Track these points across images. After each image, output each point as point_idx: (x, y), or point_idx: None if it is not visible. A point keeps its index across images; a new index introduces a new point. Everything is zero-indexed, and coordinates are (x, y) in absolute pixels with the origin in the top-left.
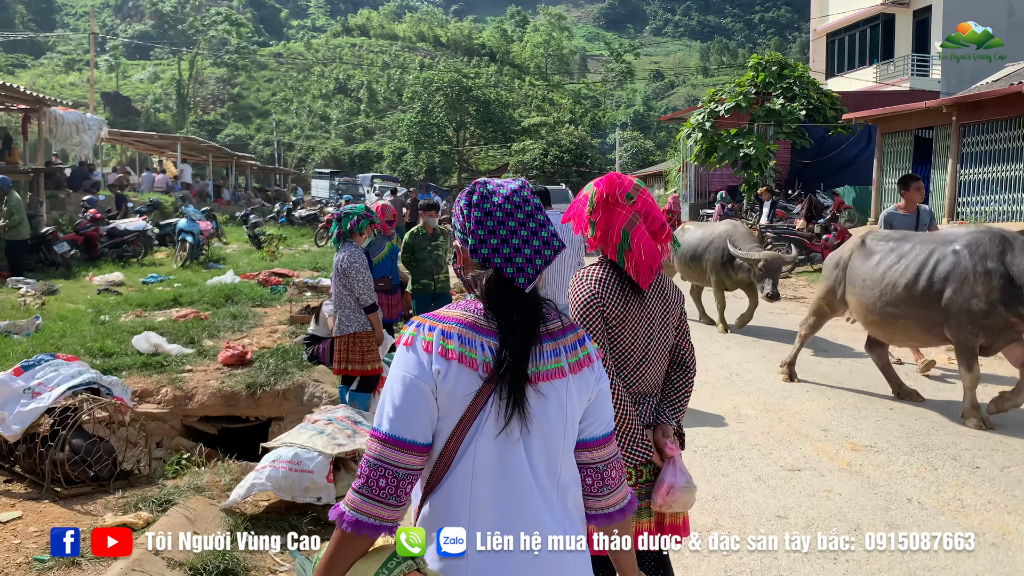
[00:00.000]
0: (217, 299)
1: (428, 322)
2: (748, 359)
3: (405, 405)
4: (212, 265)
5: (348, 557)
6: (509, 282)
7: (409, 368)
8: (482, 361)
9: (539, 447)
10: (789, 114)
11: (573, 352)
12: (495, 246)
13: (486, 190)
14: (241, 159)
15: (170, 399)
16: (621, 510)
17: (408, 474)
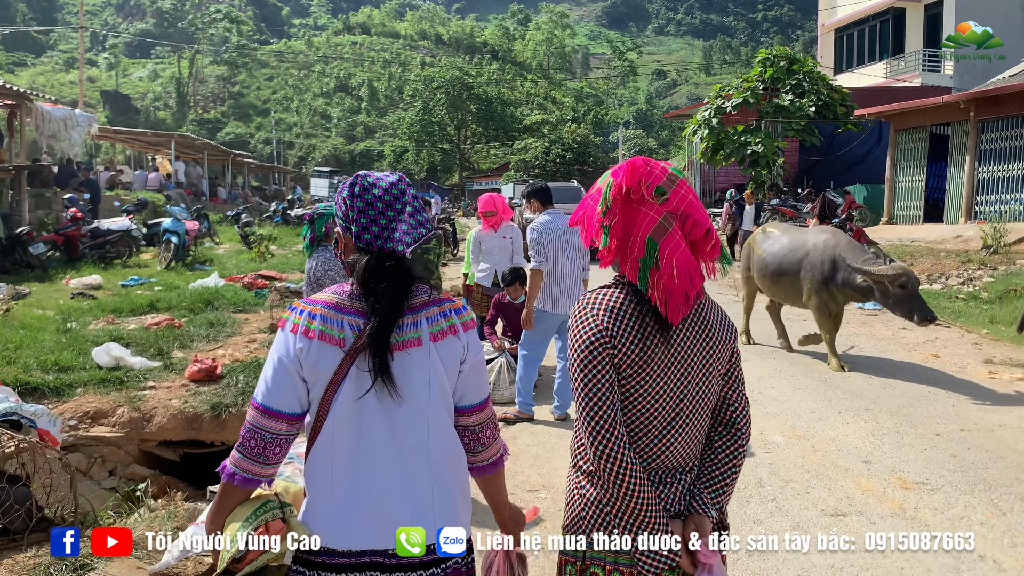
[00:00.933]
0: (196, 304)
1: (300, 306)
2: (769, 373)
3: (273, 380)
4: (198, 267)
5: (229, 503)
6: (390, 255)
7: (278, 348)
8: (339, 337)
9: (404, 410)
10: (798, 110)
11: (436, 323)
12: (377, 231)
13: (367, 182)
14: (238, 157)
15: (126, 421)
16: (493, 463)
17: (275, 437)
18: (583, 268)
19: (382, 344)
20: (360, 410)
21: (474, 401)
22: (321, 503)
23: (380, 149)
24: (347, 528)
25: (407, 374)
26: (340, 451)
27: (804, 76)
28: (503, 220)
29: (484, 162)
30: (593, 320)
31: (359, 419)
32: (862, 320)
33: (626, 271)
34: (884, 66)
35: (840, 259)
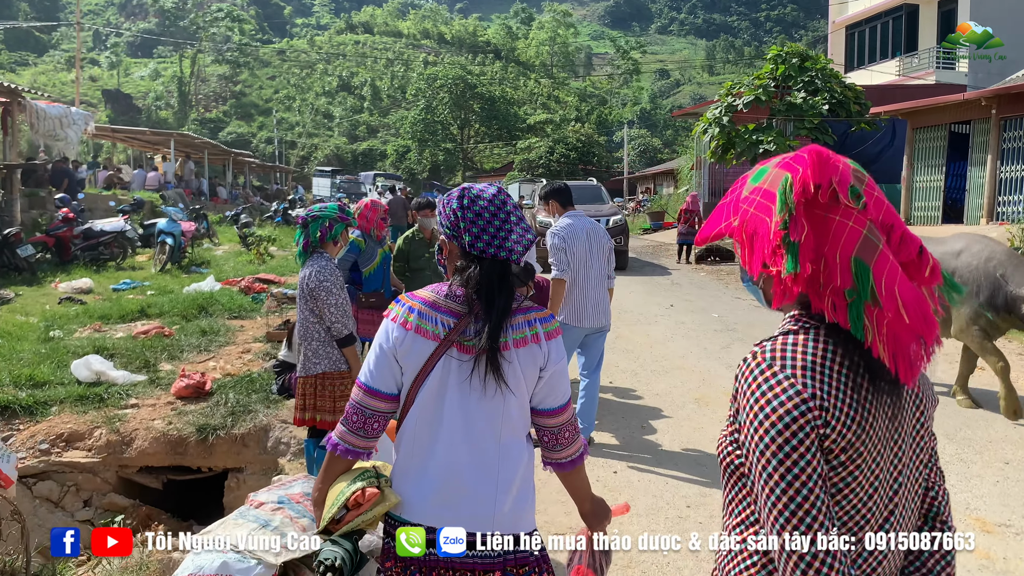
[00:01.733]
0: (189, 310)
1: (405, 300)
2: None
3: (375, 363)
4: (194, 269)
5: (333, 471)
6: (502, 263)
7: (381, 336)
8: (433, 332)
9: (481, 405)
10: (811, 108)
11: (519, 330)
12: (488, 240)
13: (473, 194)
14: (239, 156)
15: (104, 445)
16: (572, 461)
17: (374, 414)
18: (608, 276)
19: (495, 343)
20: (442, 400)
21: (553, 405)
22: (403, 482)
23: (383, 149)
24: (422, 506)
25: (503, 372)
26: (421, 436)
27: (817, 73)
28: None
29: (487, 162)
30: (789, 385)
31: (441, 408)
32: None
33: (822, 307)
34: (897, 64)
35: (1005, 278)
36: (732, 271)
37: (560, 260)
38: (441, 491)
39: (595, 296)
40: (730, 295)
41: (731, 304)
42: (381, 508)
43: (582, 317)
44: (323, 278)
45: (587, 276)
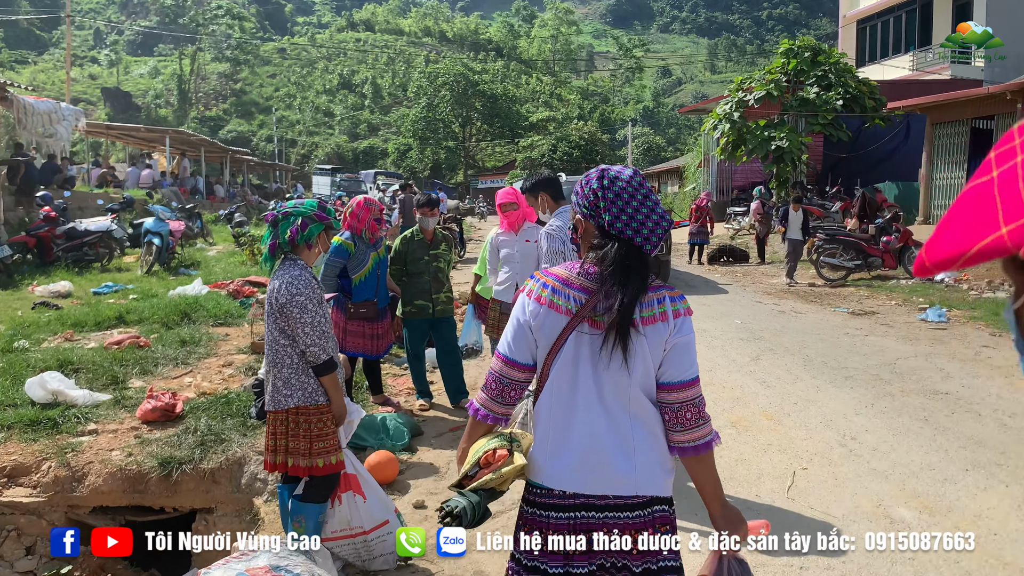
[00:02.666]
0: (171, 317)
1: (540, 277)
2: (855, 409)
3: (513, 336)
4: (183, 271)
5: (475, 433)
6: (638, 249)
7: (518, 309)
8: (566, 307)
9: (612, 377)
10: (825, 104)
11: (649, 308)
12: (626, 221)
13: (612, 175)
14: (236, 154)
15: (51, 481)
16: (694, 447)
17: (512, 383)
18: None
19: (626, 320)
20: (576, 371)
21: (673, 380)
22: (540, 449)
23: (384, 147)
24: (562, 472)
25: (630, 346)
26: (557, 406)
27: (830, 67)
28: (524, 218)
29: (489, 160)
30: None
31: (575, 379)
32: (931, 336)
33: None
34: (910, 58)
35: None
36: (747, 272)
37: (557, 264)
38: (580, 457)
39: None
40: (749, 299)
41: (752, 309)
42: (508, 469)
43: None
44: (296, 291)
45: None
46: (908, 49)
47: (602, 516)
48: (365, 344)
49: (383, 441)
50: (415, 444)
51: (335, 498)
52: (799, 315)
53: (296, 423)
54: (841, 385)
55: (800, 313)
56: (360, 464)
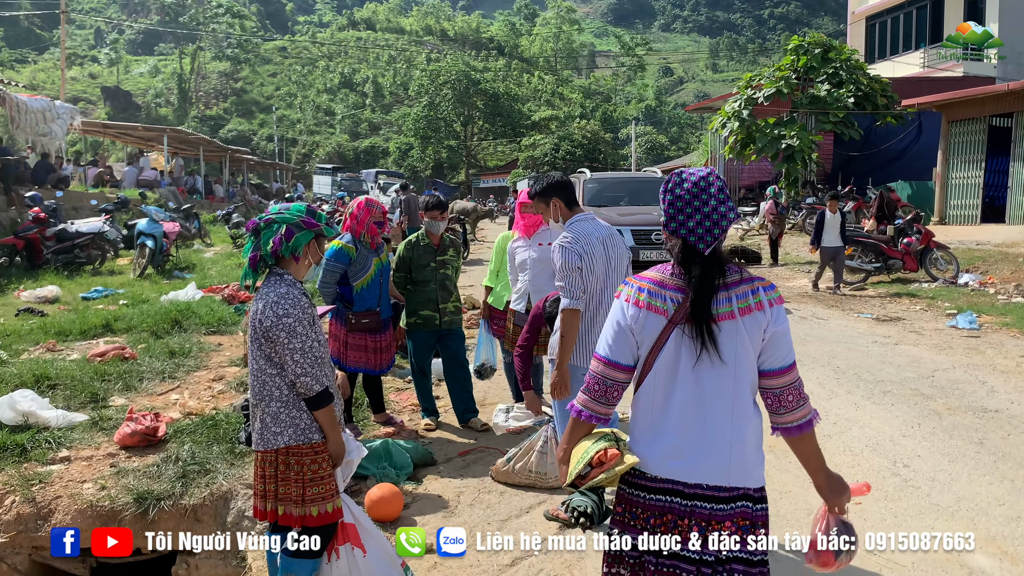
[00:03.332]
0: (161, 324)
1: (634, 282)
2: (901, 431)
3: (614, 339)
4: (177, 274)
5: (576, 435)
6: (692, 247)
7: (617, 313)
8: (663, 308)
9: (713, 371)
10: (836, 101)
11: (744, 299)
12: (681, 221)
13: (679, 179)
14: (236, 153)
15: (13, 519)
16: (798, 427)
17: (614, 383)
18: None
19: (702, 315)
20: (676, 367)
21: (774, 366)
22: (640, 438)
23: (385, 146)
24: (656, 458)
25: (719, 341)
26: (658, 401)
27: (841, 64)
28: (540, 220)
29: (491, 159)
30: None
31: (675, 375)
32: (966, 345)
33: None
34: (921, 55)
35: None
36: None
37: (573, 284)
38: (675, 446)
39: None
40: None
41: None
42: (621, 468)
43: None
44: (282, 312)
45: (606, 302)
46: (919, 46)
47: (688, 504)
48: (367, 359)
49: (386, 471)
50: (420, 472)
51: (331, 551)
52: (821, 321)
53: (287, 465)
54: (880, 401)
55: (822, 319)
56: (361, 511)
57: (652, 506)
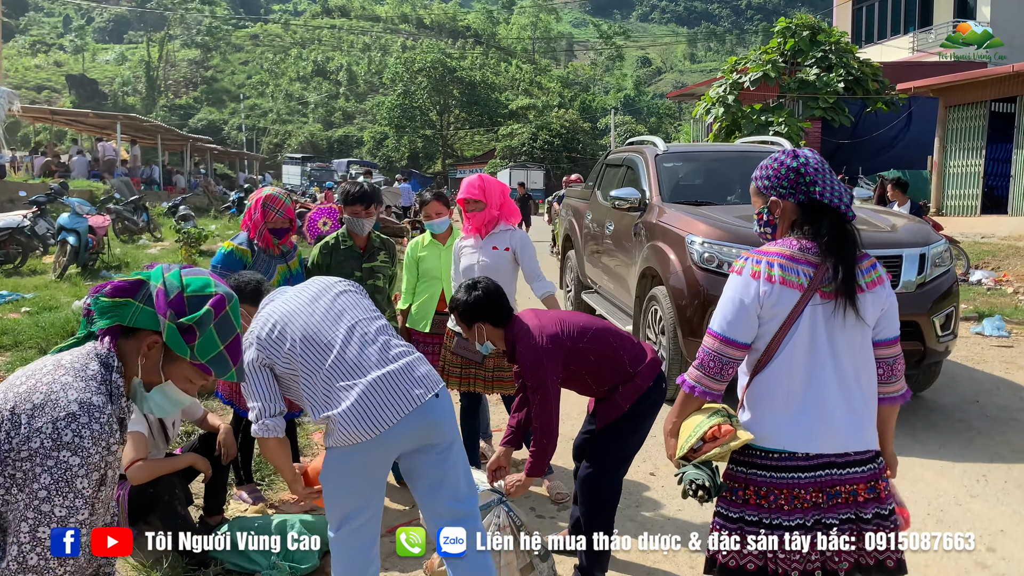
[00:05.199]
0: (55, 340)
1: (754, 255)
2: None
3: (734, 316)
4: (105, 274)
5: (686, 410)
6: (842, 216)
7: (739, 290)
8: (798, 283)
9: (845, 342)
10: (825, 86)
11: (869, 274)
12: (832, 191)
13: (806, 155)
14: (197, 142)
15: None
16: (903, 395)
17: (730, 361)
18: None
19: (851, 287)
20: (812, 341)
21: (891, 335)
22: (777, 415)
23: (359, 135)
24: (804, 435)
25: (861, 312)
26: (795, 375)
27: (831, 47)
28: (499, 219)
29: (468, 149)
30: None
31: (812, 348)
32: (1001, 356)
33: None
34: (910, 39)
35: None
36: None
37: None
38: (821, 420)
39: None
40: None
41: None
42: (736, 443)
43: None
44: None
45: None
46: (907, 30)
47: (844, 472)
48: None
49: (274, 569)
50: (328, 563)
51: None
52: None
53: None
54: (924, 439)
55: None
56: None
57: (809, 483)
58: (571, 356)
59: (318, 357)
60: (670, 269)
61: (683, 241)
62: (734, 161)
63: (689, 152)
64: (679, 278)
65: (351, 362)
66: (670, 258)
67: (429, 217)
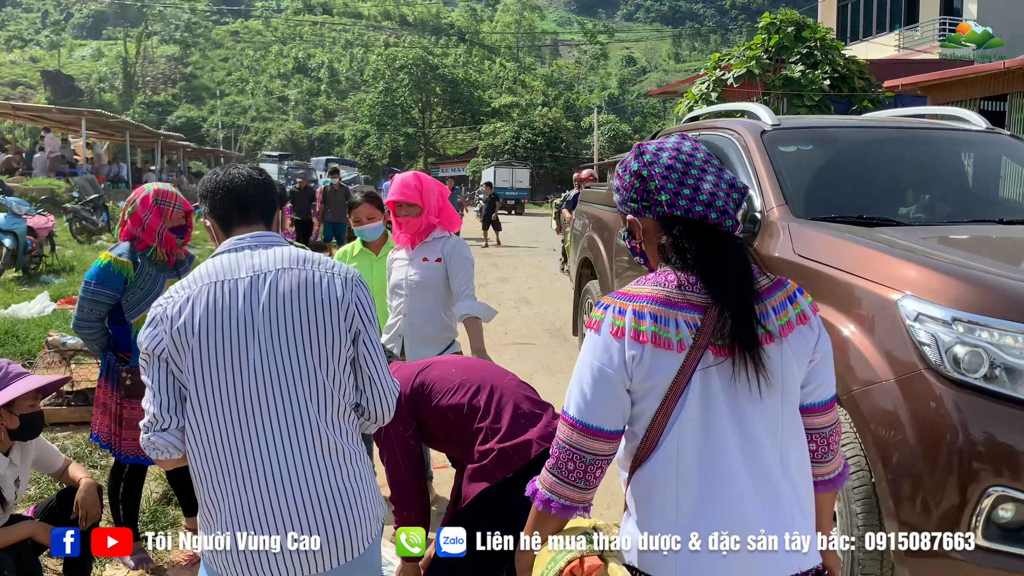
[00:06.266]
0: None
1: (617, 303)
2: None
3: (594, 394)
4: (45, 279)
5: (544, 532)
6: (715, 229)
7: (598, 355)
8: (677, 340)
9: (755, 415)
10: (811, 83)
11: (783, 312)
12: (691, 194)
13: (653, 147)
14: (169, 139)
15: None
16: (840, 475)
17: (596, 459)
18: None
19: (749, 335)
20: (706, 422)
21: (823, 398)
22: (666, 530)
23: (340, 133)
24: (717, 566)
25: (771, 372)
26: (686, 470)
27: (816, 44)
28: (433, 225)
29: (451, 147)
30: None
31: (706, 430)
32: None
33: None
34: (896, 37)
35: None
36: None
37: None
38: (728, 533)
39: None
40: None
41: None
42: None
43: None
44: None
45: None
46: (893, 27)
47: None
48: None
49: None
50: None
51: None
52: None
53: None
54: None
55: None
56: None
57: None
58: (419, 410)
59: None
60: (862, 376)
61: (890, 311)
62: (907, 143)
63: (823, 129)
64: (891, 399)
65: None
66: (860, 351)
67: (359, 222)
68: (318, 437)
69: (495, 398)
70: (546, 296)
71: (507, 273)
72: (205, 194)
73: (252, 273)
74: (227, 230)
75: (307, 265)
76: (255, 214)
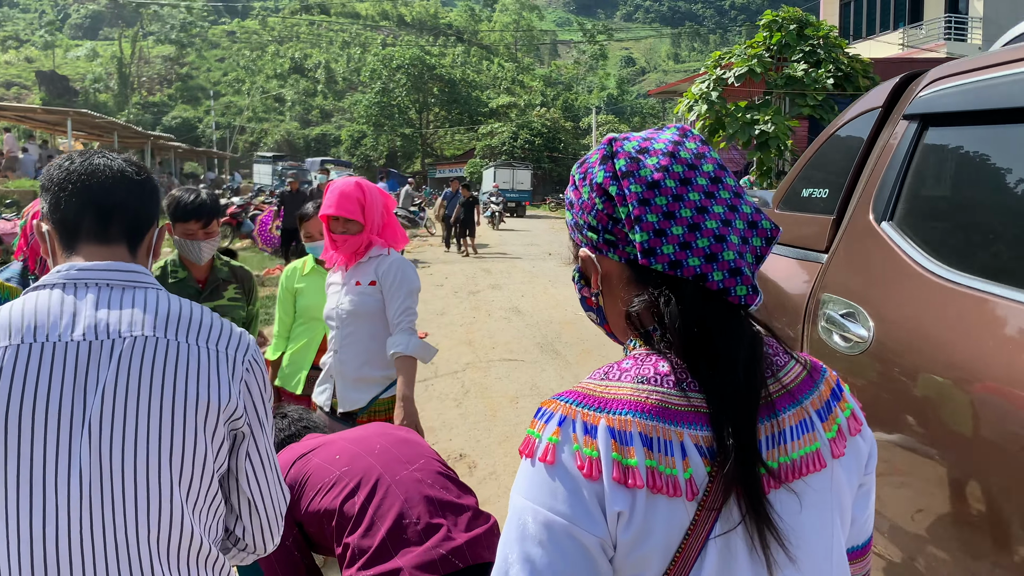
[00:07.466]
0: None
1: (581, 414)
2: None
3: (550, 567)
4: None
5: None
6: (718, 297)
7: (556, 507)
8: (685, 479)
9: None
10: (814, 82)
11: (831, 418)
12: (683, 236)
13: (634, 147)
14: (159, 140)
15: None
16: None
17: None
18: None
19: (751, 469)
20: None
21: (862, 539)
22: None
23: (337, 134)
24: None
25: (797, 519)
26: None
27: (819, 42)
28: (372, 242)
29: (448, 148)
30: None
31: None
32: None
33: None
34: (900, 35)
35: None
36: None
37: None
38: None
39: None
40: None
41: None
42: None
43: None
44: None
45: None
46: (897, 25)
47: None
48: None
49: None
50: None
51: None
52: None
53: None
54: None
55: None
56: None
57: None
58: (294, 512)
59: None
60: None
61: None
62: None
63: None
64: None
65: None
66: None
67: (311, 237)
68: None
69: (375, 501)
70: (539, 306)
71: (500, 279)
72: (48, 186)
73: (93, 336)
74: (68, 246)
75: (181, 333)
76: (116, 229)
